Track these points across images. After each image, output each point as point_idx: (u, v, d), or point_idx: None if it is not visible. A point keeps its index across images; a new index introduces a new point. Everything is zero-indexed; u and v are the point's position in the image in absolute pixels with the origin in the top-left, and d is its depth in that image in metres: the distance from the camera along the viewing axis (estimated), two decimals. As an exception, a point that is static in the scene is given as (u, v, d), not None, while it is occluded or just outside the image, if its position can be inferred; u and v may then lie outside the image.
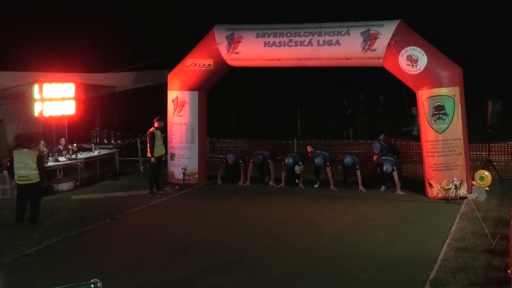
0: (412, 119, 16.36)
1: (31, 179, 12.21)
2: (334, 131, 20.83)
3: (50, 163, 16.16)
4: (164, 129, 16.03)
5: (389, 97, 20.05)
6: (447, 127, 13.74)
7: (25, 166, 12.17)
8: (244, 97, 21.84)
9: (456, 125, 13.74)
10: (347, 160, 15.14)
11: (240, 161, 15.78)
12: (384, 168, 14.41)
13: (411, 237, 11.09)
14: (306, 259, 10.02)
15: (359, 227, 11.89)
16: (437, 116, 13.74)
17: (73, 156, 17.12)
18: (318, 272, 9.46)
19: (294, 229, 11.80)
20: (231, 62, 15.73)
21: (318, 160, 15.10)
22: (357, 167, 15.11)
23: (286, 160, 15.49)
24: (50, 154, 16.39)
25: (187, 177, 15.70)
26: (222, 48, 15.46)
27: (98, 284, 7.26)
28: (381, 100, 21.25)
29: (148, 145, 15.68)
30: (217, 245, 10.81)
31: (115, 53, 20.73)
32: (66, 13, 24.33)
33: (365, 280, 9.03)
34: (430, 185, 14.04)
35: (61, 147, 17.31)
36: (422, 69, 13.79)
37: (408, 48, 13.85)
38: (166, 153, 16.05)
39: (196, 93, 16.28)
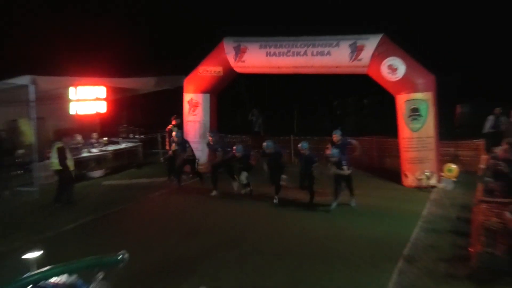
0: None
1: (54, 167, 12.67)
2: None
3: (84, 154, 16.31)
4: (180, 126, 16.12)
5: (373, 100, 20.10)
6: (421, 126, 13.82)
7: (53, 156, 12.63)
8: (249, 99, 22.01)
9: (429, 125, 13.83)
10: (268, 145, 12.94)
11: (251, 153, 14.11)
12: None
13: (389, 220, 11.17)
14: (300, 239, 10.12)
15: (346, 212, 11.97)
16: (413, 117, 13.83)
17: (104, 148, 17.27)
18: (311, 249, 9.54)
19: (290, 213, 11.90)
20: (238, 69, 15.81)
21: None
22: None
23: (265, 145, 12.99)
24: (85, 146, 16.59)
25: (200, 167, 15.78)
26: (230, 57, 15.54)
27: (125, 255, 7.38)
28: (366, 103, 21.42)
29: (166, 139, 15.79)
30: (224, 226, 10.93)
31: (139, 61, 20.78)
32: (101, 28, 24.48)
33: (351, 256, 9.13)
34: (406, 176, 14.14)
35: (93, 140, 17.44)
36: (401, 77, 13.84)
37: (389, 58, 13.90)
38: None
39: (208, 95, 16.39)
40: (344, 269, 8.50)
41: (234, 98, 18.29)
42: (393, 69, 13.91)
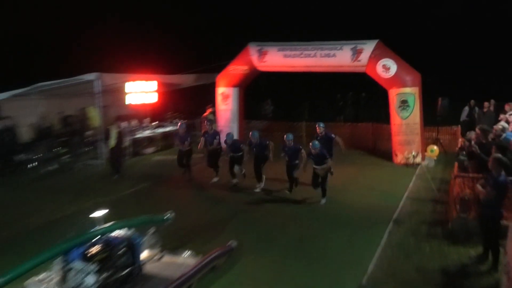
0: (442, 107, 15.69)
1: (113, 145, 12.64)
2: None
3: (139, 135, 16.48)
4: (214, 113, 16.17)
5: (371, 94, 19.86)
6: (409, 115, 13.65)
7: (112, 136, 12.59)
8: (268, 92, 21.94)
9: (415, 113, 13.66)
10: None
11: (267, 142, 11.52)
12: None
13: (382, 190, 11.13)
14: (307, 205, 10.13)
15: (346, 183, 11.93)
16: (402, 107, 13.67)
17: (154, 130, 17.42)
18: (315, 214, 9.59)
19: (298, 188, 11.91)
20: (260, 68, 15.74)
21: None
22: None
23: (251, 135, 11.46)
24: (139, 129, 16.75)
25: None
26: (254, 58, 15.47)
27: (171, 215, 7.47)
28: (363, 96, 21.24)
29: (203, 124, 15.86)
30: (247, 195, 10.98)
31: (183, 61, 20.80)
32: (154, 35, 24.69)
33: (349, 218, 9.17)
34: (396, 155, 14.00)
35: (146, 124, 17.59)
36: (392, 75, 13.68)
37: (383, 60, 13.74)
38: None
39: (237, 89, 16.36)
40: (344, 229, 8.51)
41: (256, 90, 18.21)
42: (387, 68, 13.74)
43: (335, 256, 7.31)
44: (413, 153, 13.59)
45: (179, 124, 13.35)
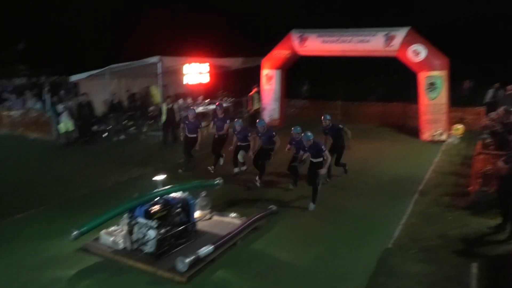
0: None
1: (164, 120, 12.87)
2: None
3: (193, 111, 16.62)
4: (259, 92, 16.05)
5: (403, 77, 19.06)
6: (436, 96, 13.04)
7: (163, 112, 12.86)
8: (306, 74, 21.51)
9: (442, 95, 13.03)
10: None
11: (273, 133, 9.44)
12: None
13: (409, 164, 10.78)
14: (340, 172, 9.95)
15: (376, 156, 11.65)
16: (430, 89, 13.08)
17: (206, 107, 17.53)
18: (349, 181, 9.44)
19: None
20: (301, 53, 15.39)
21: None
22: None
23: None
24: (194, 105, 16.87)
25: (274, 120, 15.78)
26: (296, 44, 15.14)
27: (221, 181, 7.53)
28: (394, 78, 20.51)
29: (249, 102, 15.79)
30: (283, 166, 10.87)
31: (232, 46, 20.67)
32: (207, 22, 24.62)
33: (377, 187, 8.96)
34: (423, 133, 13.49)
35: (199, 101, 17.72)
36: (422, 59, 13.03)
37: (414, 45, 13.08)
38: (260, 107, 16.13)
39: (280, 71, 16.15)
40: (373, 198, 8.34)
41: (296, 72, 17.84)
42: (417, 53, 13.09)
43: (364, 222, 7.18)
44: (439, 131, 13.05)
45: (217, 104, 10.88)
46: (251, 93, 15.63)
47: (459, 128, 13.28)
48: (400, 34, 13.36)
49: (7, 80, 19.49)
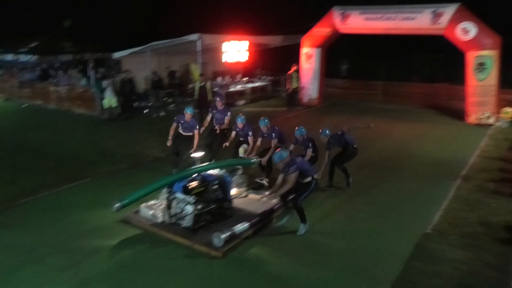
0: None
1: (197, 97, 12.90)
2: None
3: (231, 89, 16.68)
4: (297, 72, 15.83)
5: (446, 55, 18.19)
6: (485, 77, 12.39)
7: (196, 90, 12.88)
8: (347, 52, 20.93)
9: (492, 76, 12.36)
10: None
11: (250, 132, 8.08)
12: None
13: (453, 147, 10.39)
14: (381, 155, 9.78)
15: (418, 138, 11.30)
16: (479, 69, 12.42)
17: (244, 85, 17.53)
18: (388, 163, 9.24)
19: (374, 136, 11.45)
20: (342, 31, 14.97)
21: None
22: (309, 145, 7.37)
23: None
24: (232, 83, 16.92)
25: (312, 100, 15.56)
26: (337, 21, 14.73)
27: (256, 160, 7.55)
28: (440, 57, 19.61)
29: (287, 81, 15.63)
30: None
31: (271, 24, 20.35)
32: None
33: (418, 170, 8.72)
34: (469, 115, 12.91)
35: (238, 79, 17.74)
36: (472, 37, 12.36)
37: (463, 23, 12.41)
38: (298, 86, 15.93)
39: (320, 49, 15.82)
40: (413, 181, 8.13)
41: (336, 50, 17.40)
42: (466, 31, 12.41)
43: (403, 205, 7.03)
44: (487, 114, 12.45)
45: (217, 94, 9.32)
46: (289, 72, 15.45)
47: (509, 111, 12.62)
48: (448, 10, 12.69)
49: (54, 56, 20.22)
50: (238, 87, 17.10)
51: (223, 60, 16.34)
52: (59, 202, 7.21)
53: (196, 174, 6.26)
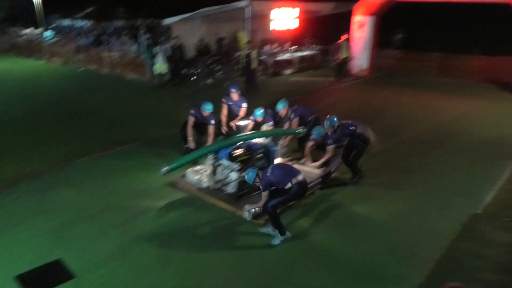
0: None
1: (243, 64, 12.92)
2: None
3: (279, 58, 16.46)
4: (348, 41, 15.29)
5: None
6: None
7: (242, 58, 12.91)
8: (402, 21, 19.89)
9: None
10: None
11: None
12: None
13: (507, 125, 9.79)
14: (431, 131, 9.41)
15: (475, 113, 10.76)
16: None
17: (292, 54, 17.24)
18: (438, 140, 8.88)
19: (425, 112, 11.00)
20: (399, -2, 14.26)
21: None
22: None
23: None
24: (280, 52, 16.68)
25: (362, 71, 15.09)
26: (394, -12, 14.01)
27: (303, 130, 7.50)
28: (504, 29, 18.19)
29: (337, 50, 15.17)
30: (374, 111, 10.50)
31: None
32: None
33: (469, 150, 8.32)
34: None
35: (286, 48, 17.45)
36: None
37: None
38: (348, 56, 15.43)
39: (373, 17, 15.15)
40: (466, 159, 7.79)
41: (391, 19, 16.56)
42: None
43: (453, 184, 6.78)
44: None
45: (232, 89, 8.11)
46: (340, 41, 14.97)
47: None
48: (519, -24, 11.68)
49: (108, 22, 20.77)
50: (286, 56, 16.84)
51: (271, 27, 16.05)
52: (111, 163, 7.58)
53: (242, 142, 6.33)
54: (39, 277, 4.54)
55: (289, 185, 5.03)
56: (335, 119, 6.64)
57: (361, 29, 15.38)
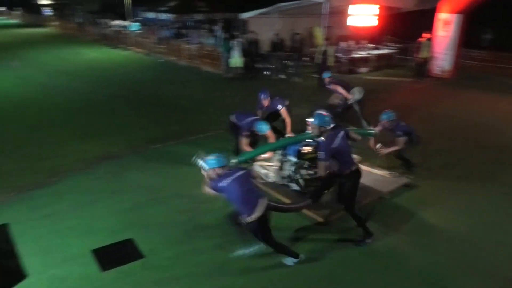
0: None
1: (319, 61, 12.76)
2: None
3: (355, 55, 16.00)
4: (430, 40, 14.42)
5: None
6: None
7: (317, 54, 12.77)
8: (491, 20, 18.34)
9: None
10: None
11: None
12: None
13: None
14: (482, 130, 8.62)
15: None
16: None
17: (369, 51, 16.68)
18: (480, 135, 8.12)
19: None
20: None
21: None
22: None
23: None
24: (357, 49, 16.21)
25: (444, 72, 14.21)
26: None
27: (377, 130, 7.19)
28: None
29: (417, 49, 14.40)
30: (440, 111, 9.83)
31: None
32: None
33: None
34: None
35: (362, 45, 16.93)
36: None
37: None
38: (429, 56, 14.58)
39: (461, 15, 14.13)
40: None
41: (479, 18, 15.31)
42: None
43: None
44: None
45: (262, 95, 7.77)
46: (421, 39, 14.18)
47: None
48: None
49: (188, 15, 21.57)
50: (362, 54, 16.32)
51: (348, 23, 15.63)
52: (183, 152, 7.87)
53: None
54: (112, 253, 4.87)
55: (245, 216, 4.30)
56: (392, 113, 6.43)
57: (445, 28, 14.42)
